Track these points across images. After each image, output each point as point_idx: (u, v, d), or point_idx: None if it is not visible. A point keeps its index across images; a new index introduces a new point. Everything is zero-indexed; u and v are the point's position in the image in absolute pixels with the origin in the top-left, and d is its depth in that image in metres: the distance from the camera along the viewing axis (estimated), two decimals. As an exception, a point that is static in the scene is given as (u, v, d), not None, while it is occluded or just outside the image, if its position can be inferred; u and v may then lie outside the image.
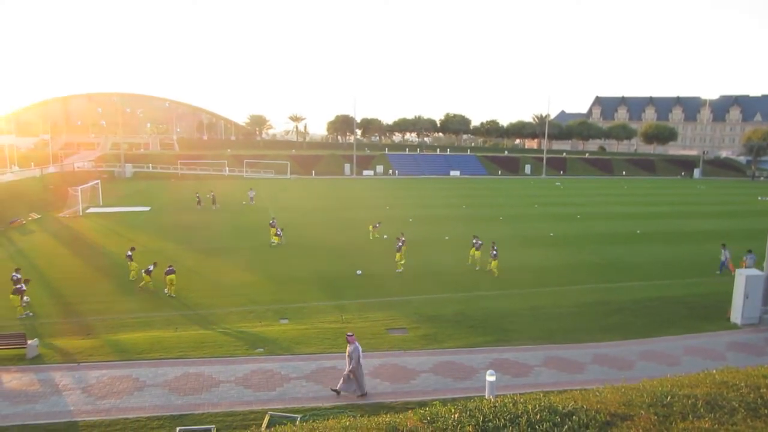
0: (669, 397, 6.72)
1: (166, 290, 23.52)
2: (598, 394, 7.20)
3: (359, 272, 27.34)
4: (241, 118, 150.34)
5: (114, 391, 13.72)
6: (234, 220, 44.43)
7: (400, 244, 28.48)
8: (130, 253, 26.84)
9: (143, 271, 24.41)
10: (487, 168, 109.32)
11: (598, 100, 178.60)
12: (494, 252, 27.18)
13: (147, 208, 50.81)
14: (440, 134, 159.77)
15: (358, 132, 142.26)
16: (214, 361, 15.56)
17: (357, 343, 13.27)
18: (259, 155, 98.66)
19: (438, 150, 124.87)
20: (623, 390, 7.25)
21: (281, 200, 58.51)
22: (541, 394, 7.21)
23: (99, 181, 57.56)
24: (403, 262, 27.99)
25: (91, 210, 49.37)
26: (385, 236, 33.62)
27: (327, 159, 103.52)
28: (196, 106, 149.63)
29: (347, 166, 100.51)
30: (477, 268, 26.49)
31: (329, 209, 51.51)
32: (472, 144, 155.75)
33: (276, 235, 34.69)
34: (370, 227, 37.38)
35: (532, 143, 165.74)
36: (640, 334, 18.74)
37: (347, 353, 13.21)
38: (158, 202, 54.87)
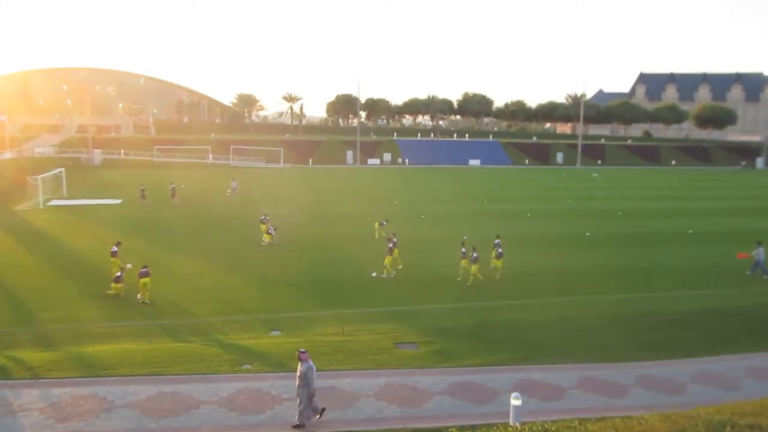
0: (728, 427, 6.67)
1: (138, 296, 23.65)
2: (643, 422, 7.15)
3: (374, 274, 27.55)
4: (228, 98, 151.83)
5: (77, 412, 13.72)
6: (217, 215, 44.76)
7: (391, 245, 28.28)
8: (115, 248, 26.99)
9: (116, 276, 24.43)
10: (513, 156, 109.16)
11: (643, 78, 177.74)
12: (500, 250, 26.94)
13: (118, 201, 51.17)
14: (457, 117, 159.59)
15: (363, 114, 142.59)
16: (194, 378, 15.60)
17: (311, 362, 13.18)
18: (247, 140, 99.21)
19: (455, 135, 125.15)
20: (673, 418, 7.17)
21: (273, 193, 58.87)
22: (576, 422, 7.16)
23: (63, 169, 58.08)
24: (400, 266, 28.08)
25: (54, 202, 49.77)
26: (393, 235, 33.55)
27: (326, 145, 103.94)
28: (175, 83, 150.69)
29: (350, 154, 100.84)
30: (468, 284, 26.41)
31: (329, 203, 51.69)
32: (495, 128, 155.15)
33: (267, 233, 34.99)
34: (376, 224, 37.55)
35: (564, 128, 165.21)
36: (692, 352, 18.60)
37: (298, 373, 13.07)
38: (131, 193, 55.27)
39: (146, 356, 17.17)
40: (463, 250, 27.76)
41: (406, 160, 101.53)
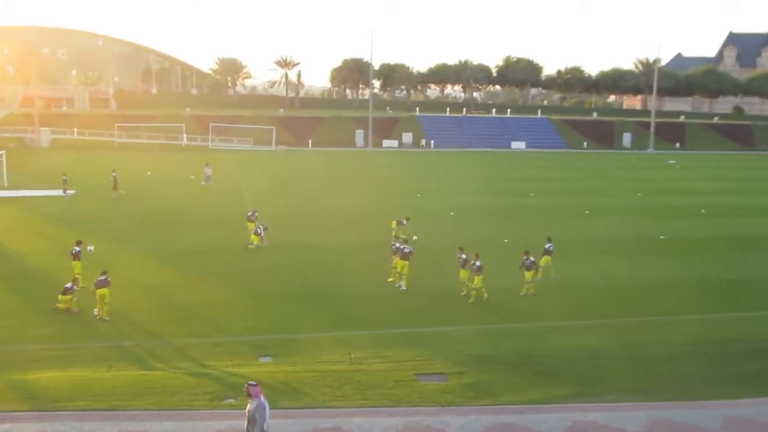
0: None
1: (95, 311, 23.50)
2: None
3: (401, 286, 27.49)
4: (207, 64, 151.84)
5: (21, 454, 13.86)
6: (190, 211, 45.03)
7: (406, 250, 27.93)
8: (77, 249, 27.14)
9: (65, 287, 24.42)
10: (567, 137, 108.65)
11: (733, 39, 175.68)
12: (477, 263, 26.17)
13: (70, 192, 51.47)
14: (497, 88, 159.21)
15: (376, 84, 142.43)
16: (164, 415, 15.51)
17: (263, 398, 13.05)
18: (231, 117, 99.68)
19: (494, 111, 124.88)
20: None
21: (263, 183, 58.92)
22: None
23: (3, 152, 58.62)
24: (406, 274, 27.73)
25: (-8, 194, 50.52)
26: (414, 237, 33.71)
27: (330, 123, 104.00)
28: (141, 45, 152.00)
29: (360, 134, 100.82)
30: (470, 301, 26.26)
31: (333, 197, 51.49)
32: (544, 102, 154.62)
33: (255, 233, 35.13)
34: (394, 224, 37.32)
35: (633, 101, 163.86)
36: (794, 387, 18.46)
37: (247, 412, 13.01)
38: (86, 182, 55.48)
39: (105, 387, 17.03)
40: (462, 256, 27.25)
41: (431, 142, 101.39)
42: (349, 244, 36.03)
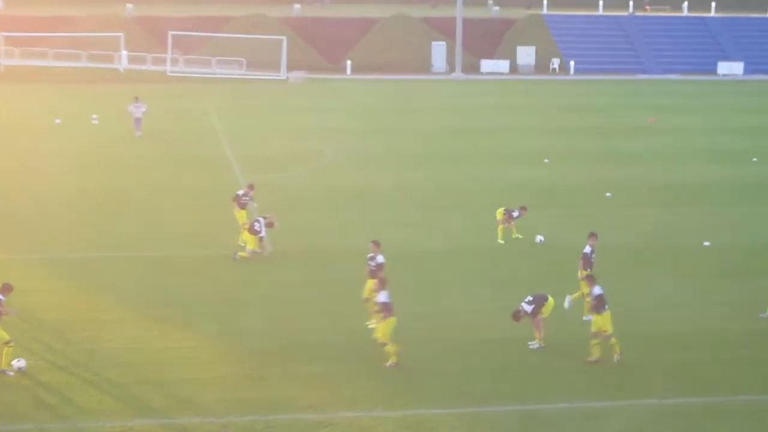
0: None
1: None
2: None
3: (534, 345, 20.78)
4: None
5: None
6: (115, 188, 35.42)
7: (373, 264, 21.51)
8: None
9: None
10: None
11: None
12: (595, 291, 19.81)
13: None
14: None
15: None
16: None
17: None
18: (209, 20, 73.70)
19: (685, 5, 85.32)
20: None
21: (262, 140, 46.68)
22: None
23: None
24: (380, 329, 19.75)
25: None
26: (538, 238, 28.35)
27: (385, 29, 74.93)
28: None
29: (439, 50, 73.18)
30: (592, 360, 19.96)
31: (392, 166, 40.92)
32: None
33: (251, 230, 26.73)
34: (500, 213, 29.55)
35: None
36: None
37: None
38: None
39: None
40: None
41: (572, 64, 75.10)
42: (419, 250, 27.96)
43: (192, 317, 22.10)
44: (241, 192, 28.62)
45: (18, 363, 19.16)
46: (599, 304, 19.11)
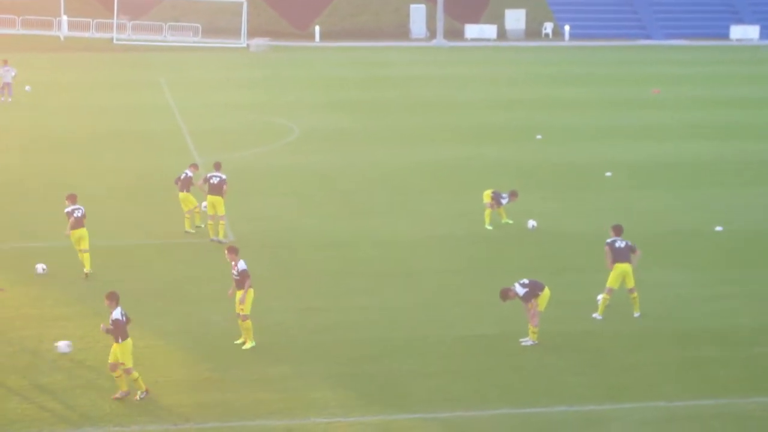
0: None
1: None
2: None
3: (526, 342, 20.53)
4: None
5: None
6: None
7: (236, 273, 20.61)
8: None
9: None
10: None
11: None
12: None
13: None
14: None
15: None
16: None
17: None
18: None
19: None
20: None
21: (219, 116, 46.53)
22: None
23: None
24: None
25: None
26: (531, 223, 28.30)
27: None
28: None
29: (418, 13, 72.77)
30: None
31: (364, 144, 41.27)
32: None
33: (203, 212, 26.54)
34: (487, 196, 29.16)
35: None
36: None
37: None
38: None
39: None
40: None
41: (566, 29, 74.63)
42: (402, 239, 28.06)
43: (144, 314, 21.19)
44: (189, 171, 28.03)
45: None
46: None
